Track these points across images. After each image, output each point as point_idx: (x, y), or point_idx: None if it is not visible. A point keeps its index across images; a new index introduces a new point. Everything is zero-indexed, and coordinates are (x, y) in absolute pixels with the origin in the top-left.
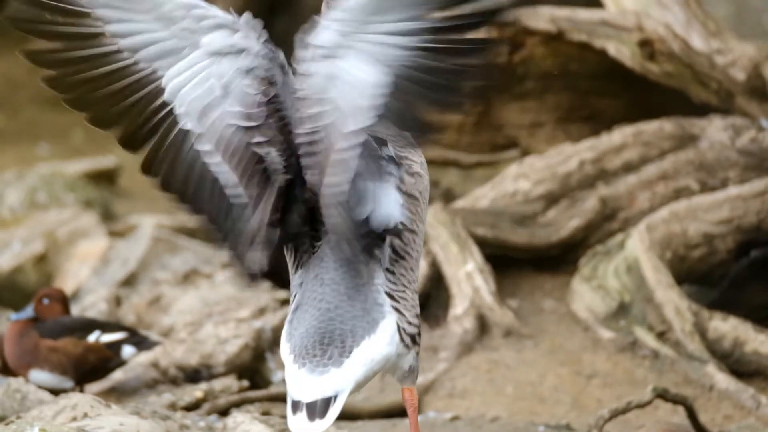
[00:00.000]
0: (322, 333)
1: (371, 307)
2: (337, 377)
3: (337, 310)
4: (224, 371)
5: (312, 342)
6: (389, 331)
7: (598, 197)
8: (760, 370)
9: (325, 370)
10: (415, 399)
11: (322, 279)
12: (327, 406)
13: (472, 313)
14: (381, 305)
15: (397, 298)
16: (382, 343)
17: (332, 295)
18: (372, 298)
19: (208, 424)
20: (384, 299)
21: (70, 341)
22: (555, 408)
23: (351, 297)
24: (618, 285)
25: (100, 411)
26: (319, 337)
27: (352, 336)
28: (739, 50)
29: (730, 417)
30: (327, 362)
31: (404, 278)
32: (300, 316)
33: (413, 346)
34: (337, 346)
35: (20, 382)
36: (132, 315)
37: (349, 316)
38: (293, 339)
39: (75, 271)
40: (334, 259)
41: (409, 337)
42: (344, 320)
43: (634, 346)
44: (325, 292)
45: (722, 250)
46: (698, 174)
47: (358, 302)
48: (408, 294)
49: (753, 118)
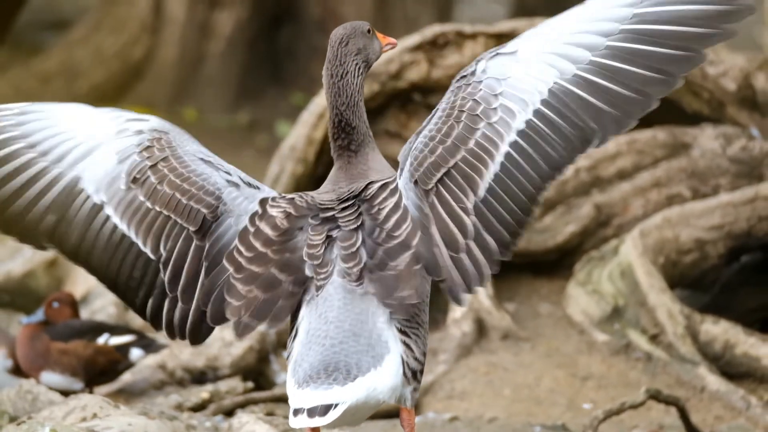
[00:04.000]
0: (326, 363)
1: (376, 342)
2: (339, 392)
3: (341, 345)
4: (229, 373)
5: (317, 371)
6: (394, 365)
7: (593, 204)
8: (750, 372)
9: (329, 387)
10: (412, 419)
11: (326, 317)
12: (327, 409)
13: (471, 316)
14: (386, 341)
15: (410, 334)
16: (387, 375)
17: (336, 332)
18: (377, 335)
19: (214, 424)
20: (389, 336)
21: (80, 344)
22: (551, 409)
23: (356, 333)
24: (612, 289)
25: (109, 411)
26: (323, 366)
27: (357, 367)
28: (730, 61)
29: (721, 418)
30: (332, 383)
31: (418, 317)
32: (304, 352)
33: (413, 382)
34: (341, 373)
35: (31, 383)
36: (140, 318)
37: (353, 350)
38: (298, 374)
39: (84, 275)
40: (338, 299)
41: (411, 371)
42: (349, 354)
43: (628, 348)
44: (330, 330)
45: (713, 255)
46: (690, 181)
47: (363, 338)
48: (420, 332)
49: (743, 127)
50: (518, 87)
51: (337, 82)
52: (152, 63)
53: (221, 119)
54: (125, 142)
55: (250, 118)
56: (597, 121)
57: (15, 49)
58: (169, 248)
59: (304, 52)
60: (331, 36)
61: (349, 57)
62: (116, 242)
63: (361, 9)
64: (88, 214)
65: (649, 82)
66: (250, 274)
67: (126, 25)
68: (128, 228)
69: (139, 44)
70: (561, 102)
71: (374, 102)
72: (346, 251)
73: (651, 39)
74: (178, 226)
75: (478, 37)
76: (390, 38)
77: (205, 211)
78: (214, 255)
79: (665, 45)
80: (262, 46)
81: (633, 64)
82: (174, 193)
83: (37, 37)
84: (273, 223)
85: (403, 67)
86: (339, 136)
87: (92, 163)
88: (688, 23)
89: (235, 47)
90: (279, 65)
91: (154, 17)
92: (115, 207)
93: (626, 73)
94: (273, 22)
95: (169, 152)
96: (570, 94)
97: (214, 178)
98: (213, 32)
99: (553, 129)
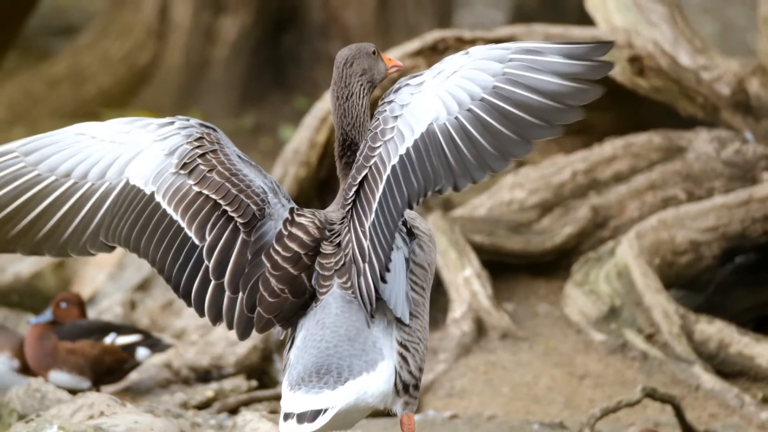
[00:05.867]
0: (319, 366)
1: (370, 348)
2: (329, 397)
3: (336, 348)
4: (234, 372)
5: (309, 373)
6: (386, 372)
7: (590, 206)
8: (744, 370)
9: (319, 392)
10: (412, 424)
11: (323, 323)
12: (317, 415)
13: (470, 316)
14: (380, 349)
15: (409, 348)
16: (378, 381)
17: (332, 336)
18: (371, 342)
19: (219, 422)
20: (384, 344)
21: (88, 343)
22: (549, 407)
23: (351, 339)
24: (609, 290)
25: (116, 410)
26: (316, 369)
27: (348, 370)
28: (724, 66)
29: (716, 415)
30: (322, 386)
31: (419, 333)
32: (300, 355)
33: (404, 395)
34: (332, 376)
35: (40, 382)
36: (146, 318)
37: (347, 354)
38: (291, 375)
39: (92, 276)
40: (336, 306)
41: (403, 384)
42: (342, 357)
43: (624, 348)
44: (326, 334)
45: (708, 256)
46: (685, 184)
47: (357, 343)
48: (420, 348)
49: (737, 130)
50: (414, 114)
51: (343, 104)
52: (158, 68)
53: (226, 123)
54: (171, 141)
55: (254, 121)
56: (459, 164)
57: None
58: (215, 236)
59: (307, 57)
60: (336, 57)
61: (354, 78)
62: (164, 227)
63: (363, 15)
64: (140, 205)
65: (506, 141)
66: (286, 274)
67: (132, 31)
68: (175, 213)
69: (145, 49)
70: (433, 139)
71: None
72: (336, 266)
73: (513, 103)
74: (226, 216)
75: (477, 43)
76: (396, 61)
77: (254, 207)
78: (257, 251)
79: (525, 111)
80: (265, 51)
81: (498, 121)
82: (224, 182)
83: (46, 42)
84: (305, 229)
85: (404, 72)
86: (345, 154)
87: (138, 164)
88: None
89: (240, 52)
90: (282, 70)
91: (159, 23)
92: (164, 194)
93: (491, 127)
94: (277, 27)
95: (218, 147)
96: (446, 133)
97: (259, 181)
98: (218, 38)
99: (420, 161)
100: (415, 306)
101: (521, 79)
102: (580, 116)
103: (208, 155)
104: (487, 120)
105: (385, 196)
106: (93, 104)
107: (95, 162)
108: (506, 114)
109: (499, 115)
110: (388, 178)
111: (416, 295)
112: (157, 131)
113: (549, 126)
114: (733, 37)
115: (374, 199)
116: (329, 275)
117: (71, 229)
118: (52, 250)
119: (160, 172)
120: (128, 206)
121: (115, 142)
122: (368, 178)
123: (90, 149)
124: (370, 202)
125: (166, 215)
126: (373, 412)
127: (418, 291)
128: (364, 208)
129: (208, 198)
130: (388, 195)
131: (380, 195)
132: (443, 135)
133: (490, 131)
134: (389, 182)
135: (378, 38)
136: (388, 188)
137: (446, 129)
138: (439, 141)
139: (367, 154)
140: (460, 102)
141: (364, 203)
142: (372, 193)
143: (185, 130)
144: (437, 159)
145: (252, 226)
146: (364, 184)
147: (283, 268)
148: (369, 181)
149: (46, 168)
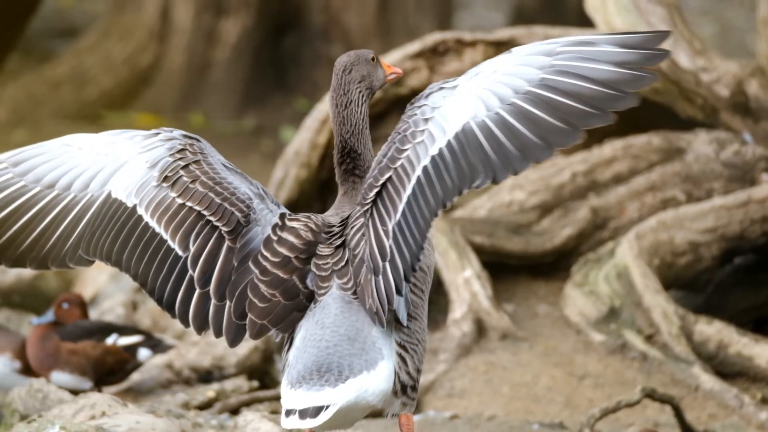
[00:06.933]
0: (319, 364)
1: (370, 348)
2: (330, 394)
3: (336, 347)
4: (235, 372)
5: (310, 371)
6: (386, 371)
7: (589, 207)
8: (743, 371)
9: (321, 389)
10: (411, 424)
11: (323, 323)
12: (319, 411)
13: (470, 317)
14: (380, 348)
15: (408, 349)
16: (379, 379)
17: (332, 336)
18: (371, 341)
19: (220, 422)
20: (384, 344)
21: (89, 344)
22: (549, 407)
23: (351, 338)
24: (608, 290)
25: (118, 410)
26: (316, 367)
27: (349, 368)
28: (723, 68)
29: (715, 416)
30: (324, 383)
31: (418, 335)
32: (299, 355)
33: (402, 396)
34: (333, 374)
35: (42, 382)
36: (148, 319)
37: (347, 353)
38: (291, 374)
39: (93, 277)
40: (336, 307)
41: (402, 384)
42: (342, 356)
43: (624, 348)
44: (325, 334)
45: (707, 257)
46: (684, 185)
47: (357, 343)
48: (418, 349)
49: (736, 132)
50: (446, 116)
51: (342, 111)
52: (160, 70)
53: (227, 125)
54: (154, 153)
55: (255, 123)
56: (500, 157)
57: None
58: (199, 245)
59: (308, 59)
60: (335, 64)
61: (353, 85)
62: (146, 240)
63: (364, 17)
64: (122, 218)
65: (552, 131)
66: (276, 279)
67: (134, 33)
68: (158, 225)
69: (147, 51)
70: (470, 137)
71: (376, 108)
72: (336, 267)
73: (563, 93)
74: (210, 225)
75: (477, 45)
76: (395, 68)
77: (238, 215)
78: (243, 257)
79: (576, 100)
80: (266, 53)
81: (545, 112)
82: (207, 192)
83: (48, 44)
84: (296, 233)
85: (404, 74)
86: (344, 161)
87: (121, 177)
88: (597, 86)
89: (241, 54)
90: (283, 72)
91: (161, 25)
92: (146, 206)
93: (536, 118)
94: (278, 29)
95: (201, 157)
96: (486, 129)
97: (244, 188)
98: (219, 40)
99: (455, 160)
100: (414, 308)
101: (572, 69)
102: (635, 103)
103: (191, 166)
104: (532, 111)
105: (415, 197)
106: (95, 106)
107: (79, 173)
108: (554, 104)
109: (546, 106)
110: (418, 179)
111: (415, 297)
112: (142, 143)
113: (602, 113)
114: (732, 39)
115: (400, 200)
116: (327, 276)
117: (52, 241)
118: (34, 262)
119: (143, 185)
120: (110, 219)
121: (101, 154)
122: (393, 179)
123: (75, 160)
124: (394, 203)
125: (149, 228)
126: (373, 412)
127: (417, 293)
128: (387, 208)
129: (191, 209)
130: (418, 195)
131: (409, 195)
132: (482, 131)
133: (534, 122)
134: (420, 182)
135: (378, 40)
136: (419, 188)
137: (485, 125)
138: (477, 138)
139: (394, 155)
140: (501, 97)
141: (387, 203)
142: (398, 194)
143: (168, 143)
144: (474, 155)
145: (237, 233)
146: (388, 185)
147: (273, 273)
148: (394, 182)
149: (32, 179)
